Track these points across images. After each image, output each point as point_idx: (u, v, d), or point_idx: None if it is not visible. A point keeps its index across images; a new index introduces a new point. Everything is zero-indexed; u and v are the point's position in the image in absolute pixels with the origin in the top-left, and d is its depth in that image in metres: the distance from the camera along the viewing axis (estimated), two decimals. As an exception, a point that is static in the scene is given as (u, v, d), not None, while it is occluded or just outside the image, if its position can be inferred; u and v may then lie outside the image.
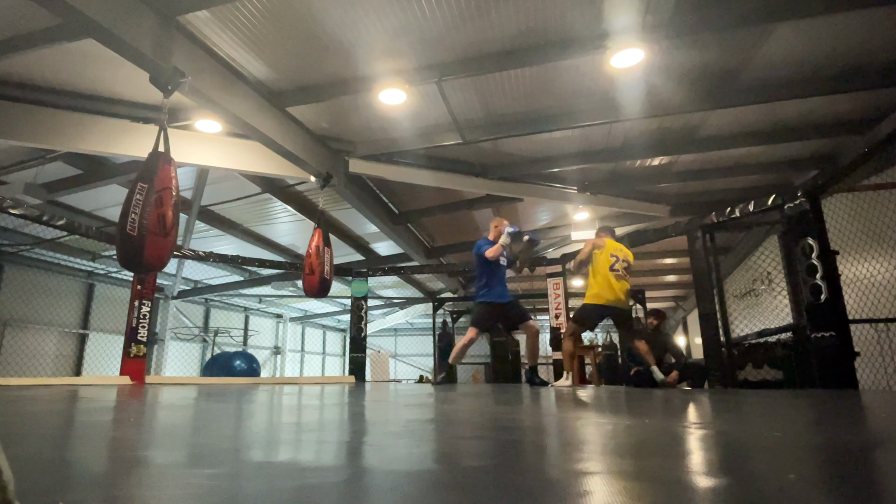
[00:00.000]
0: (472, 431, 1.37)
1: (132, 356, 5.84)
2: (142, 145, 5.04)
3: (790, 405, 2.20)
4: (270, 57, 4.77)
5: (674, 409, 2.05)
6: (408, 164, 6.89)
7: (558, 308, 7.63)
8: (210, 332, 13.63)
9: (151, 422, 1.69)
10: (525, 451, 1.03)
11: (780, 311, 6.06)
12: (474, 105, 5.62)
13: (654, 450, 1.00)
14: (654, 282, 13.67)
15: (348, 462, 0.91)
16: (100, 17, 3.47)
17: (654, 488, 0.66)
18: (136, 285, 6.00)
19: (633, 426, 1.42)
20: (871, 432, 1.37)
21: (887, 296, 4.34)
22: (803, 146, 6.45)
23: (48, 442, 1.16)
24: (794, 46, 4.60)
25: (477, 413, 1.95)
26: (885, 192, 4.64)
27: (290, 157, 5.73)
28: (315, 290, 6.18)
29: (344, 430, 1.41)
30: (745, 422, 1.58)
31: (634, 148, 6.53)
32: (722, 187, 7.75)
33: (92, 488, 0.69)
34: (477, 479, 0.74)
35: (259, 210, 8.82)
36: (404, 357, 19.53)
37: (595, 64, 4.82)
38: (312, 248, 6.15)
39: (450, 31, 4.40)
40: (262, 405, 2.38)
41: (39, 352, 9.62)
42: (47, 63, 4.79)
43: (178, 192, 3.77)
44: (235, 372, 9.72)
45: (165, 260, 3.73)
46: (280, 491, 0.65)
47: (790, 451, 1.00)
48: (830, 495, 0.65)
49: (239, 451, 1.01)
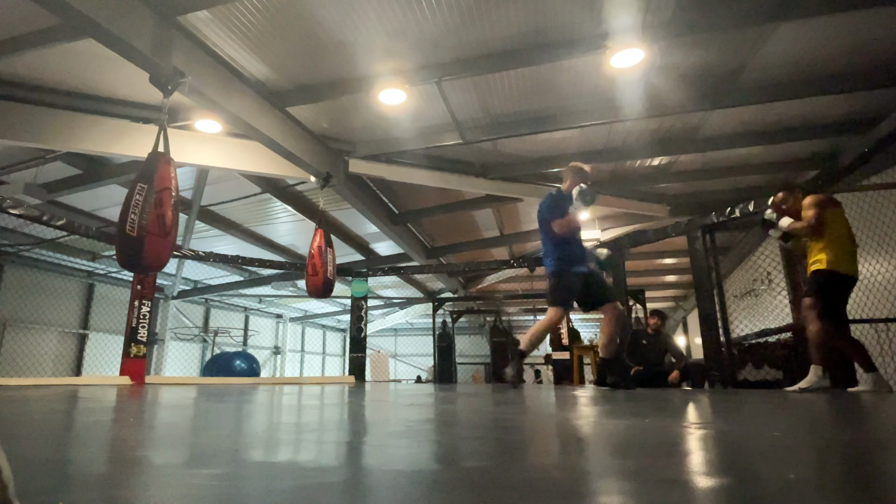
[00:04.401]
0: (472, 431, 1.37)
1: (132, 356, 5.84)
2: (142, 145, 5.04)
3: (790, 405, 2.20)
4: (270, 57, 4.77)
5: (674, 409, 2.05)
6: (408, 164, 6.89)
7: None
8: (210, 332, 13.63)
9: (151, 422, 1.69)
10: (525, 451, 1.03)
11: (780, 311, 6.06)
12: (474, 105, 5.62)
13: (654, 450, 1.00)
14: (654, 282, 13.68)
15: (348, 462, 0.91)
16: (100, 17, 3.47)
17: (654, 488, 0.66)
18: (136, 285, 6.00)
19: (632, 426, 1.42)
20: (871, 432, 1.37)
21: (887, 296, 4.34)
22: (803, 146, 6.45)
23: (48, 442, 1.16)
24: (794, 46, 4.60)
25: (477, 413, 1.95)
26: (885, 192, 4.64)
27: (290, 157, 5.73)
28: (319, 291, 6.17)
29: (344, 430, 1.41)
30: (745, 422, 1.58)
31: (634, 148, 6.54)
32: (722, 187, 7.75)
33: (92, 488, 0.69)
34: (477, 479, 0.74)
35: (259, 210, 8.83)
36: (404, 357, 19.54)
37: (595, 64, 4.82)
38: (315, 249, 6.15)
39: (450, 32, 4.40)
40: (262, 405, 2.39)
41: (39, 352, 9.62)
42: (47, 63, 4.79)
43: (178, 192, 3.78)
44: (235, 372, 9.72)
45: (165, 260, 3.73)
46: (280, 491, 0.65)
47: (790, 451, 1.00)
48: (830, 496, 0.65)
49: (239, 452, 1.01)
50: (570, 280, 3.78)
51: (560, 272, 3.81)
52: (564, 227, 3.76)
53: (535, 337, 3.90)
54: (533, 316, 14.67)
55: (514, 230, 10.00)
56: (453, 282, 12.98)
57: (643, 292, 8.57)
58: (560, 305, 3.80)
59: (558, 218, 3.79)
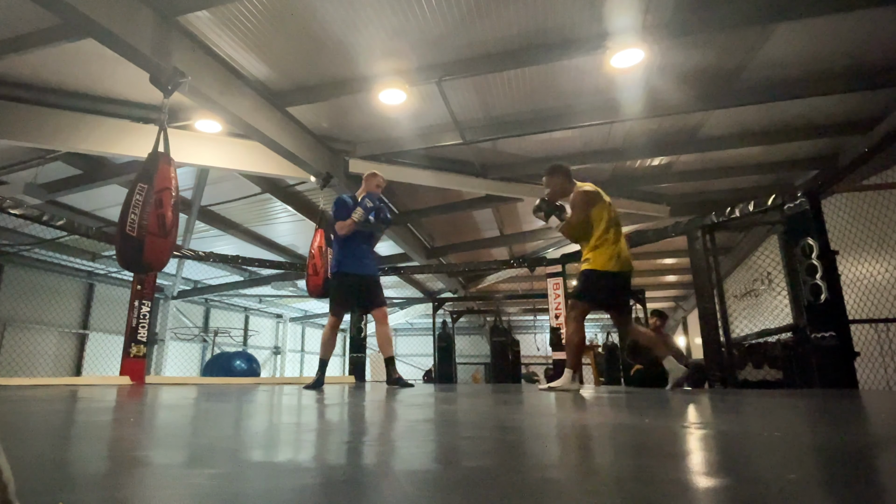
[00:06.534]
0: (472, 431, 1.37)
1: (132, 356, 5.83)
2: (142, 145, 5.05)
3: (790, 405, 2.20)
4: (270, 57, 4.78)
5: (674, 409, 2.05)
6: (408, 164, 6.89)
7: (558, 308, 7.62)
8: (210, 332, 13.63)
9: (151, 422, 1.69)
10: (525, 452, 1.03)
11: (780, 311, 6.06)
12: (474, 105, 5.62)
13: (654, 450, 1.00)
14: (654, 282, 13.69)
15: (348, 462, 0.91)
16: (100, 17, 3.48)
17: (654, 488, 0.66)
18: (136, 285, 6.00)
19: (632, 426, 1.42)
20: (871, 432, 1.37)
21: (887, 296, 4.34)
22: (803, 146, 6.46)
23: (48, 442, 1.16)
24: (794, 46, 4.60)
25: (476, 413, 1.95)
26: (886, 192, 4.64)
27: (290, 157, 5.73)
28: (319, 291, 6.17)
29: (344, 430, 1.41)
30: (745, 422, 1.58)
31: (634, 148, 6.54)
32: (722, 187, 7.76)
33: (92, 488, 0.69)
34: (477, 479, 0.74)
35: (259, 210, 8.83)
36: (404, 357, 19.52)
37: (595, 64, 4.83)
38: (315, 249, 6.15)
39: (450, 32, 4.40)
40: (263, 405, 2.38)
41: (39, 352, 9.62)
42: (47, 63, 4.80)
43: (178, 193, 3.78)
44: (235, 372, 9.71)
45: (165, 260, 3.74)
46: (280, 491, 0.65)
47: (790, 451, 1.00)
48: (830, 495, 0.65)
49: (239, 452, 1.01)
50: (347, 282, 3.98)
51: (337, 274, 4.03)
52: (344, 230, 3.95)
53: (323, 342, 4.02)
54: (533, 316, 14.67)
55: (514, 230, 10.00)
56: (453, 282, 12.98)
57: (643, 292, 8.58)
58: (338, 308, 4.01)
59: (340, 220, 3.99)
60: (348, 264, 4.00)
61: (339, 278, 4.01)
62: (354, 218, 3.90)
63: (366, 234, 4.12)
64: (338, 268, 4.03)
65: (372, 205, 3.96)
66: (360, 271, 4.01)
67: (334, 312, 4.00)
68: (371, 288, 4.07)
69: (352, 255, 4.01)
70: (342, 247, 4.03)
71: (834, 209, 4.47)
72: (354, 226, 3.93)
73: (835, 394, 3.15)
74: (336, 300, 4.01)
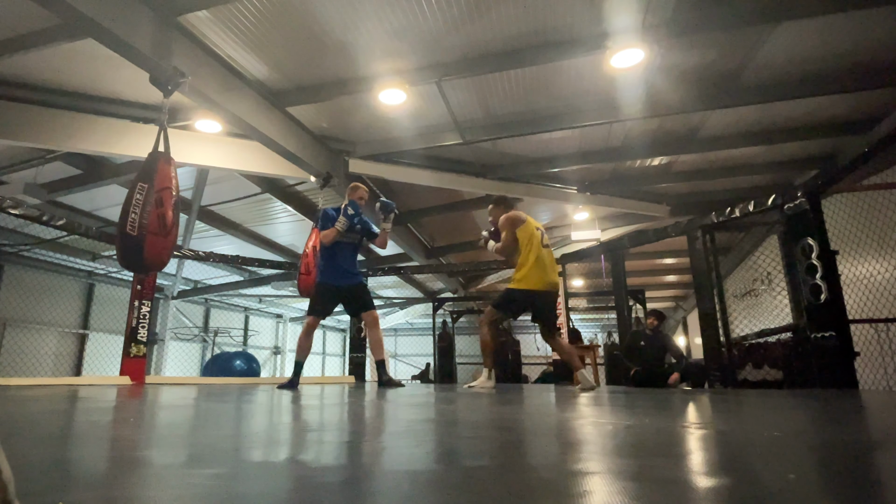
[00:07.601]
0: (472, 431, 1.37)
1: (132, 356, 5.83)
2: (142, 145, 5.04)
3: (790, 405, 2.20)
4: (270, 57, 4.77)
5: (674, 409, 2.05)
6: (408, 164, 6.89)
7: (558, 308, 7.62)
8: (210, 332, 13.62)
9: (151, 422, 1.69)
10: (525, 452, 1.03)
11: (780, 311, 6.06)
12: (474, 105, 5.62)
13: (654, 450, 1.00)
14: (654, 282, 13.68)
15: (348, 462, 0.91)
16: (99, 17, 3.47)
17: (654, 488, 0.66)
18: (136, 285, 5.99)
19: (632, 426, 1.42)
20: (871, 432, 1.37)
21: (887, 296, 4.34)
22: (803, 146, 6.45)
23: (48, 442, 1.16)
24: (794, 46, 4.60)
25: (476, 413, 1.95)
26: (885, 192, 4.64)
27: (290, 157, 5.73)
28: (309, 291, 6.14)
29: (344, 430, 1.41)
30: (745, 422, 1.58)
31: (634, 148, 6.53)
32: (722, 187, 7.75)
33: (92, 488, 0.69)
34: (477, 479, 0.74)
35: (259, 210, 8.83)
36: (404, 357, 19.52)
37: (595, 64, 4.82)
38: (309, 248, 6.13)
39: (450, 32, 4.40)
40: (262, 405, 2.38)
41: (39, 352, 9.62)
42: (47, 63, 4.79)
43: (178, 192, 3.77)
44: (235, 372, 9.70)
45: (165, 260, 3.73)
46: (280, 491, 0.65)
47: (790, 451, 1.00)
48: (830, 495, 0.65)
49: (239, 451, 1.01)
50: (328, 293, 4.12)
51: (318, 284, 4.20)
52: (328, 239, 4.06)
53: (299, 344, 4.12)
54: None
55: (514, 230, 9.97)
56: (453, 282, 12.98)
57: (643, 292, 8.58)
58: (316, 314, 4.11)
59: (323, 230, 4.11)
60: (330, 275, 4.15)
61: (320, 288, 4.18)
62: (338, 227, 4.01)
63: (351, 244, 4.24)
64: (320, 277, 4.20)
65: (353, 212, 4.06)
66: (341, 283, 4.15)
67: (311, 313, 4.14)
68: (357, 295, 4.19)
69: (333, 267, 4.15)
70: (326, 258, 4.17)
71: (834, 209, 4.46)
72: (338, 234, 4.03)
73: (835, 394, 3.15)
74: (314, 305, 4.16)
